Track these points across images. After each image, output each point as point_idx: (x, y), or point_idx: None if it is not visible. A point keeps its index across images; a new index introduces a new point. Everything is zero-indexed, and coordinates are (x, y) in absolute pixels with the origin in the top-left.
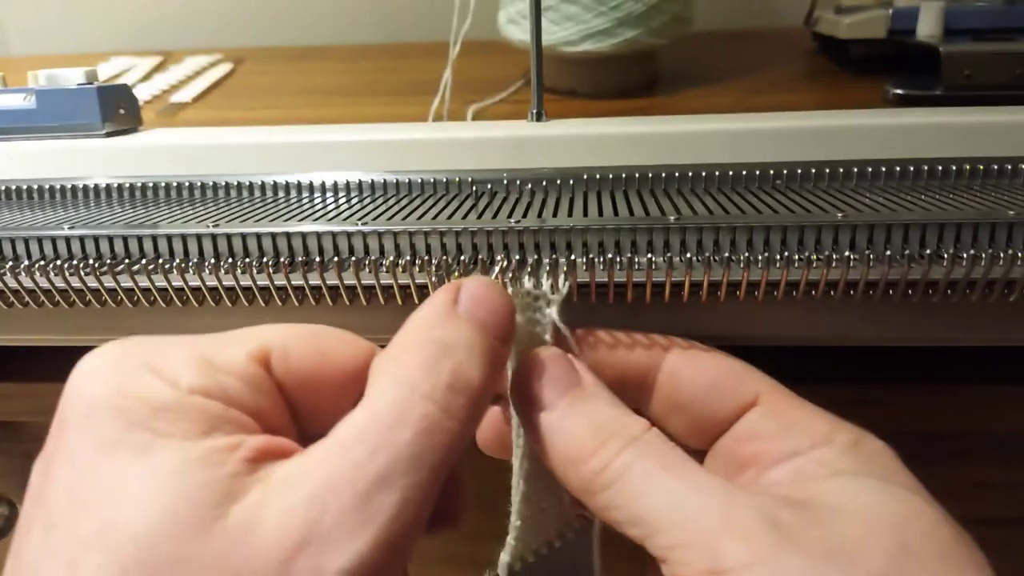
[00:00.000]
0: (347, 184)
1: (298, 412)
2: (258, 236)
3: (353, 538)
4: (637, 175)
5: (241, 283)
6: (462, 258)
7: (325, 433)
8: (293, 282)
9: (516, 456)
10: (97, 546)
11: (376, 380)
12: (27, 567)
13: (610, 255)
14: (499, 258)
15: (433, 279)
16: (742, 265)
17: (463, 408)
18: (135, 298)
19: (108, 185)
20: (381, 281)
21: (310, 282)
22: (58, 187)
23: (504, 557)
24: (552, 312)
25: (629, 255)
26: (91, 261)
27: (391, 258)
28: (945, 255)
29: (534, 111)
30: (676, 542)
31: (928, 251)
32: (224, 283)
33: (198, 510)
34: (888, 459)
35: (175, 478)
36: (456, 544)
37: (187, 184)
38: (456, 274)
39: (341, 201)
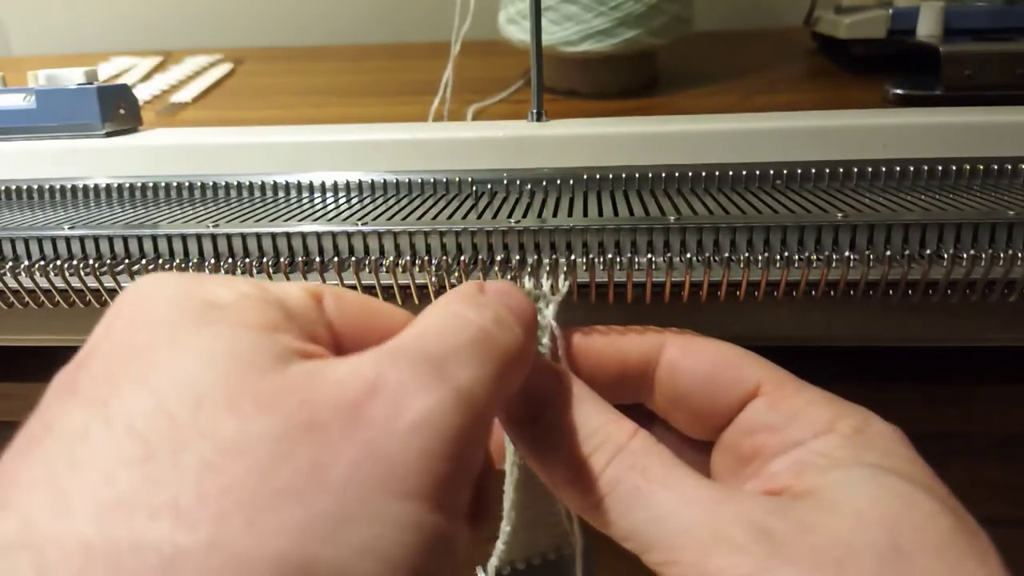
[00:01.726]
0: (347, 184)
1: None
2: (258, 236)
3: (427, 392)
4: (637, 175)
5: None
6: (462, 258)
7: None
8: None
9: (507, 463)
10: (137, 385)
11: (418, 318)
12: (39, 430)
13: (610, 255)
14: (499, 258)
15: (433, 279)
16: (742, 265)
17: (512, 341)
18: None
19: (108, 185)
20: (381, 281)
21: (310, 282)
22: (58, 187)
23: (493, 561)
24: (549, 312)
25: (629, 255)
26: (91, 261)
27: (391, 258)
28: (945, 255)
29: (534, 111)
30: (667, 559)
31: (928, 251)
32: None
33: (259, 358)
34: (892, 443)
35: (234, 338)
36: None
37: (187, 184)
38: (456, 274)
39: (341, 201)
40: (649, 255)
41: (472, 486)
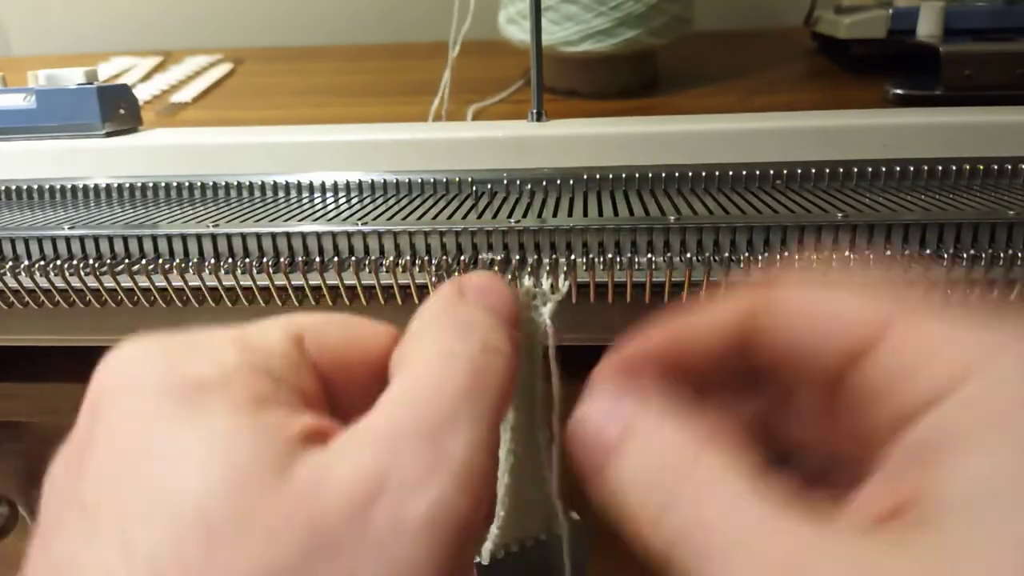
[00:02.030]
0: (347, 184)
1: (329, 394)
2: (258, 236)
3: (429, 483)
4: (637, 175)
5: (241, 283)
6: (462, 258)
7: (353, 416)
8: (293, 282)
9: (502, 450)
10: (150, 517)
11: (406, 356)
12: (63, 560)
13: (610, 255)
14: (499, 258)
15: (433, 279)
16: (742, 265)
17: (501, 367)
18: (135, 298)
19: (108, 185)
20: (381, 281)
21: (310, 282)
22: (58, 187)
23: (487, 545)
24: (546, 312)
25: (629, 255)
26: (91, 261)
27: (391, 258)
28: (945, 255)
29: (534, 111)
30: None
31: (928, 251)
32: (224, 283)
33: (260, 468)
34: None
35: (232, 440)
36: None
37: (187, 184)
38: (456, 274)
39: (341, 201)
40: (649, 255)
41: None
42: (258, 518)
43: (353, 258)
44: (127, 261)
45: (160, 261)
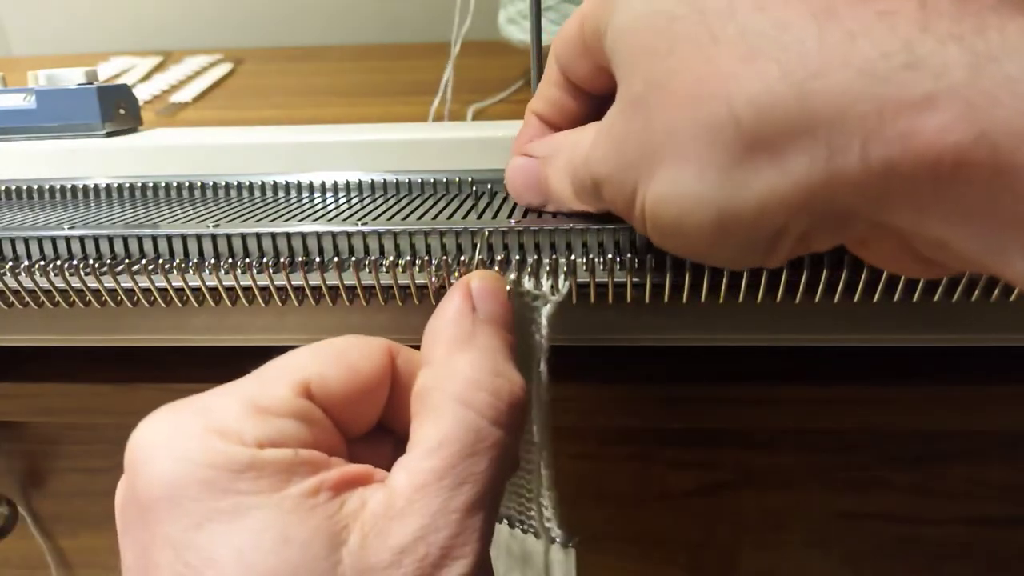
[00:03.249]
0: (347, 184)
1: (339, 424)
2: (258, 236)
3: (457, 563)
4: None
5: (241, 283)
6: (462, 258)
7: (360, 431)
8: (293, 282)
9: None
10: None
11: (432, 403)
12: None
13: (610, 255)
14: (499, 258)
15: (433, 279)
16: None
17: (519, 421)
18: (135, 298)
19: (108, 185)
20: (381, 281)
21: (310, 282)
22: (58, 187)
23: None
24: (545, 312)
25: (629, 255)
26: (91, 261)
27: (391, 258)
28: None
29: None
30: None
31: None
32: (224, 283)
33: (313, 561)
34: None
35: (279, 534)
36: None
37: (187, 184)
38: (456, 274)
39: (341, 201)
40: (649, 255)
41: None
42: None
43: (353, 258)
44: (127, 261)
45: (160, 261)
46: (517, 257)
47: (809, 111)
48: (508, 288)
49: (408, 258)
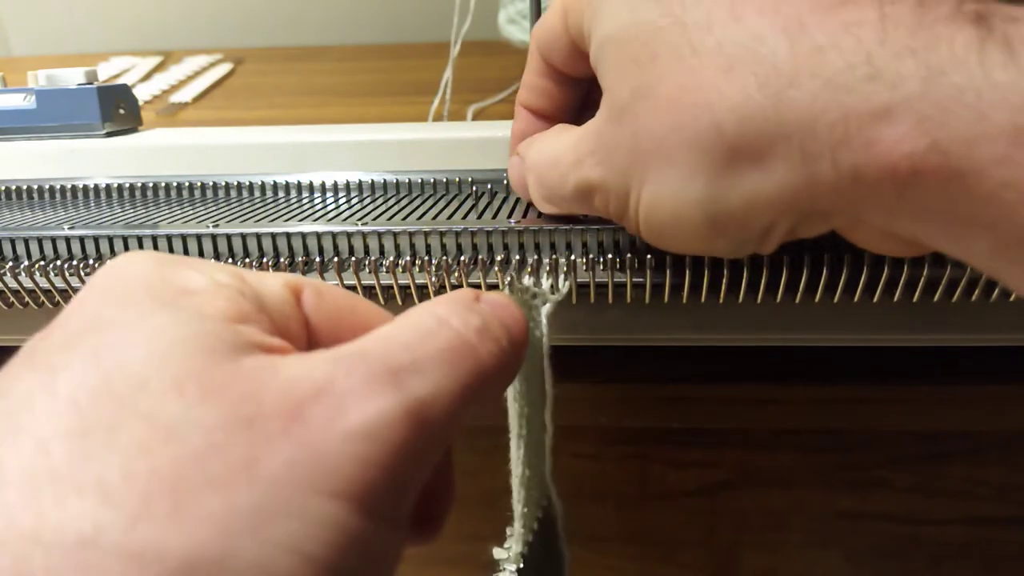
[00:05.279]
0: (347, 184)
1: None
2: (258, 236)
3: (374, 400)
4: None
5: None
6: (462, 258)
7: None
8: None
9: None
10: (83, 364)
11: (401, 315)
12: (2, 397)
13: (610, 255)
14: (499, 258)
15: (433, 279)
16: (742, 264)
17: (492, 355)
18: None
19: (108, 185)
20: (381, 281)
21: None
22: (58, 187)
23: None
24: (545, 311)
25: (629, 255)
26: (91, 261)
27: (391, 258)
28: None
29: None
30: None
31: None
32: None
33: (209, 344)
34: None
35: (191, 324)
36: (456, 544)
37: (187, 184)
38: (456, 274)
39: (341, 201)
40: (649, 255)
41: (417, 497)
42: (195, 380)
43: (353, 258)
44: None
45: None
46: (517, 257)
47: (785, 120)
48: (508, 282)
49: (408, 258)
